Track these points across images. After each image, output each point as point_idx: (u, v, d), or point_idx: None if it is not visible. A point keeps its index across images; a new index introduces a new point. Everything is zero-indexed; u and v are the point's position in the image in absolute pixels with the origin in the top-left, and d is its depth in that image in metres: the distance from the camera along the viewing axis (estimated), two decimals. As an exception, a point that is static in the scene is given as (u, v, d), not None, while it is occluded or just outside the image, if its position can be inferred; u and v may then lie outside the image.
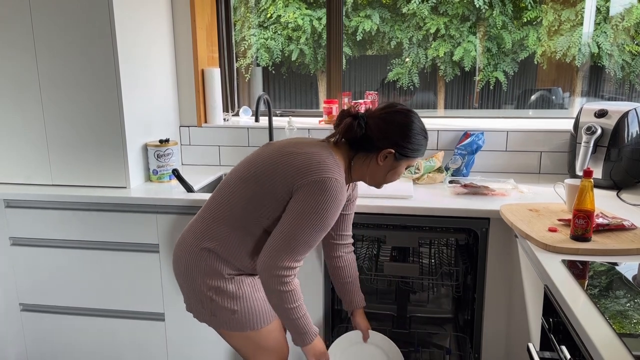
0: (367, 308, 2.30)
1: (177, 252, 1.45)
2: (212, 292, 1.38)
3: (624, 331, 0.87)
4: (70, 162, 2.03)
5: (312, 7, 4.94)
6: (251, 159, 1.41)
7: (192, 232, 1.43)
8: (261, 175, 1.33)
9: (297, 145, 1.36)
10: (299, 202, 1.26)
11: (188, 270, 1.41)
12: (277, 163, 1.32)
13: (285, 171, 1.30)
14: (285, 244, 1.27)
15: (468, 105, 5.25)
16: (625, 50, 4.16)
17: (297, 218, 1.26)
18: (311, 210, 1.25)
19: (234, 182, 1.39)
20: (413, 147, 1.37)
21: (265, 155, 1.38)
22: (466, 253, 2.00)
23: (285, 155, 1.33)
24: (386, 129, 1.35)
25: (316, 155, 1.31)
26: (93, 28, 1.87)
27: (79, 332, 2.09)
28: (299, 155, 1.31)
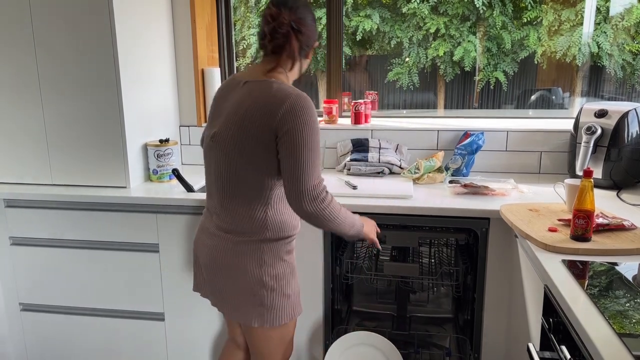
0: (367, 308, 2.29)
1: (220, 259, 1.40)
2: (273, 281, 1.39)
3: (624, 331, 0.87)
4: (70, 162, 2.03)
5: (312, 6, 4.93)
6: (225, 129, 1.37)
7: (230, 228, 1.39)
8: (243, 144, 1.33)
9: (243, 101, 1.35)
10: (287, 134, 1.28)
11: (245, 271, 1.38)
12: (245, 123, 1.32)
13: (259, 122, 1.30)
14: (299, 170, 1.29)
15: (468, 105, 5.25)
16: (625, 50, 4.16)
17: (295, 145, 1.28)
18: (301, 130, 1.28)
19: (229, 160, 1.36)
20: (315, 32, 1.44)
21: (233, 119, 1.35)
22: (466, 253, 2.00)
23: (246, 112, 1.32)
24: (311, 27, 1.41)
25: (268, 89, 1.32)
26: (93, 28, 1.87)
27: (79, 332, 2.09)
28: (257, 102, 1.31)
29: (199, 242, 1.49)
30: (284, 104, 1.28)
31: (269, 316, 1.41)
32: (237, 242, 1.39)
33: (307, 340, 1.93)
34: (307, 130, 1.29)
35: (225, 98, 1.42)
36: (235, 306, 1.43)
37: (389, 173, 2.18)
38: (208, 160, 1.44)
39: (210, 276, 1.45)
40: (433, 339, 2.22)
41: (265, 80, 1.35)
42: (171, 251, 1.92)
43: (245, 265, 1.38)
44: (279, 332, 1.47)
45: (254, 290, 1.39)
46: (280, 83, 1.34)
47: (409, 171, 2.11)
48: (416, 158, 2.26)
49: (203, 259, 1.46)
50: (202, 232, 1.49)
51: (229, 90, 1.43)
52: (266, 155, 1.32)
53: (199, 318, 1.98)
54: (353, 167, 2.18)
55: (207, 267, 1.45)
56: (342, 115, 2.60)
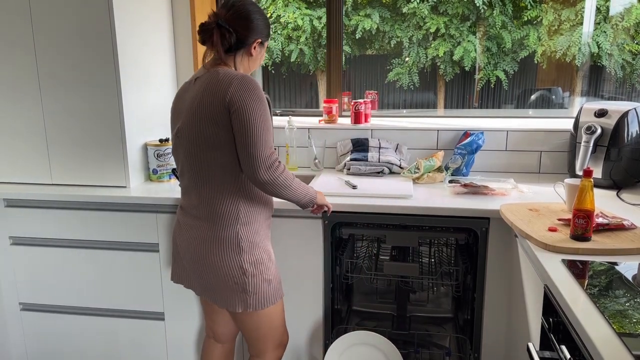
0: (367, 308, 2.29)
1: (200, 249, 1.47)
2: (252, 267, 1.46)
3: (624, 331, 0.87)
4: (70, 161, 2.03)
5: (312, 6, 4.93)
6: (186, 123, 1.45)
7: (207, 218, 1.46)
8: (205, 132, 1.40)
9: (196, 94, 1.43)
10: (238, 110, 1.36)
11: (225, 259, 1.45)
12: (201, 112, 1.40)
13: (213, 106, 1.38)
14: (252, 141, 1.37)
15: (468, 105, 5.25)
16: (625, 49, 4.16)
17: (245, 120, 1.37)
18: (249, 105, 1.37)
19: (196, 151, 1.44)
20: (266, 28, 1.54)
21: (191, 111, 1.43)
22: (466, 253, 2.00)
23: (200, 102, 1.40)
24: (247, 24, 1.47)
25: (215, 75, 1.41)
26: (93, 28, 1.87)
27: (79, 331, 2.09)
28: (207, 89, 1.40)
29: (178, 236, 1.56)
30: (232, 85, 1.37)
31: (251, 301, 1.47)
32: (214, 231, 1.45)
33: (307, 340, 1.93)
34: (255, 104, 1.37)
35: (182, 98, 1.51)
36: (219, 293, 1.49)
37: (388, 173, 2.18)
38: (177, 158, 1.54)
39: (193, 267, 1.50)
40: (433, 338, 2.22)
41: (212, 70, 1.44)
42: (171, 251, 1.92)
43: (225, 253, 1.45)
44: (266, 316, 1.53)
45: (236, 277, 1.45)
46: (226, 69, 1.43)
47: (408, 171, 2.11)
48: (416, 158, 2.26)
49: (184, 251, 1.53)
50: (179, 226, 1.56)
51: (183, 92, 1.52)
52: (227, 137, 1.40)
53: (199, 318, 1.98)
54: (353, 167, 2.18)
55: (189, 259, 1.51)
56: (342, 115, 2.60)
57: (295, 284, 1.87)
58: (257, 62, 1.57)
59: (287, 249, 1.84)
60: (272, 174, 1.40)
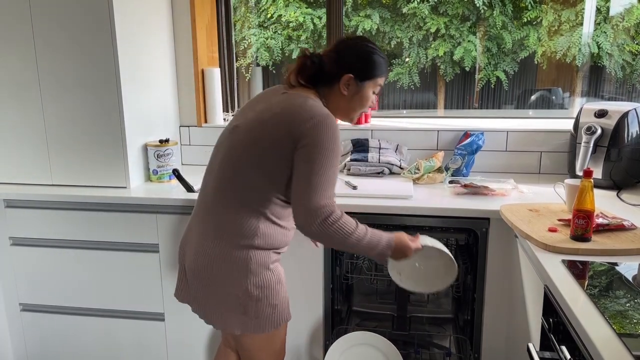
0: (367, 308, 2.28)
1: (205, 262, 1.36)
2: (258, 291, 1.35)
3: (624, 331, 0.87)
4: (70, 162, 2.03)
5: (312, 6, 4.93)
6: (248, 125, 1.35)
7: (217, 233, 1.35)
8: (260, 144, 1.30)
9: (270, 109, 1.33)
10: (308, 146, 1.26)
11: (230, 278, 1.34)
12: (269, 125, 1.30)
13: (284, 128, 1.28)
14: (310, 186, 1.25)
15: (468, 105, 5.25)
16: (625, 50, 4.16)
17: (313, 159, 1.26)
18: (321, 147, 1.26)
19: (239, 157, 1.33)
20: (370, 66, 1.39)
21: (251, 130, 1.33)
22: (466, 253, 2.00)
23: (274, 116, 1.31)
24: (339, 57, 1.38)
25: (303, 102, 1.31)
26: (93, 28, 1.87)
27: (79, 332, 2.09)
28: (288, 110, 1.30)
29: (186, 244, 1.45)
30: (312, 119, 1.26)
31: (252, 325, 1.37)
32: (224, 248, 1.34)
33: (307, 340, 1.93)
34: (329, 148, 1.26)
35: (261, 100, 1.42)
36: (216, 313, 1.39)
37: (389, 173, 2.18)
38: (216, 152, 1.41)
39: (193, 280, 1.40)
40: (433, 339, 2.22)
41: (302, 94, 1.35)
42: (171, 251, 1.92)
43: (231, 272, 1.34)
44: (266, 339, 1.44)
45: (239, 299, 1.35)
46: (315, 100, 1.34)
47: (409, 171, 2.11)
48: (416, 158, 2.25)
49: (189, 262, 1.41)
50: (189, 233, 1.45)
51: (267, 95, 1.43)
52: (279, 165, 1.29)
53: (199, 318, 1.97)
54: (353, 167, 2.18)
55: (191, 271, 1.40)
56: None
57: (295, 284, 1.87)
58: (354, 102, 1.41)
59: (287, 248, 1.84)
60: (324, 225, 1.26)
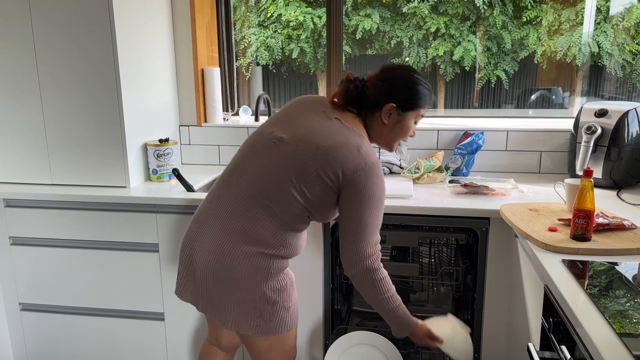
0: (367, 308, 2.28)
1: (226, 264, 1.31)
2: (275, 295, 1.35)
3: (624, 331, 0.87)
4: (70, 162, 2.03)
5: (312, 5, 4.93)
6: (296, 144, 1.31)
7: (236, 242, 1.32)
8: (309, 169, 1.29)
9: (324, 135, 1.30)
10: (355, 195, 1.28)
11: (248, 280, 1.32)
12: (321, 153, 1.28)
13: (337, 166, 1.28)
14: (358, 236, 1.30)
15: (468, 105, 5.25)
16: (625, 49, 4.15)
17: (359, 210, 1.29)
18: (368, 197, 1.29)
19: (282, 174, 1.30)
20: (413, 97, 1.38)
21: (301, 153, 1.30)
22: (466, 253, 2.00)
23: (329, 149, 1.28)
24: (383, 85, 1.37)
25: (359, 145, 1.30)
26: (93, 28, 1.87)
27: (78, 332, 2.09)
28: (343, 148, 1.28)
29: (197, 240, 1.37)
30: (366, 167, 1.27)
31: (265, 326, 1.36)
32: (248, 252, 1.31)
33: (307, 340, 1.93)
34: (378, 197, 1.30)
35: (306, 114, 1.37)
36: (231, 314, 1.35)
37: (388, 173, 2.17)
38: (252, 155, 1.36)
39: (207, 280, 1.34)
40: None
41: (355, 131, 1.33)
42: (171, 251, 1.92)
43: (251, 276, 1.31)
44: (277, 341, 1.43)
45: (256, 302, 1.33)
46: (367, 144, 1.33)
47: (408, 171, 2.11)
48: (416, 158, 2.25)
49: (202, 260, 1.34)
50: (204, 228, 1.37)
51: (312, 110, 1.38)
52: (322, 195, 1.31)
53: (199, 318, 1.98)
54: (353, 167, 2.17)
55: (205, 270, 1.34)
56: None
57: (295, 284, 1.87)
58: (395, 132, 1.39)
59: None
60: (365, 275, 1.31)
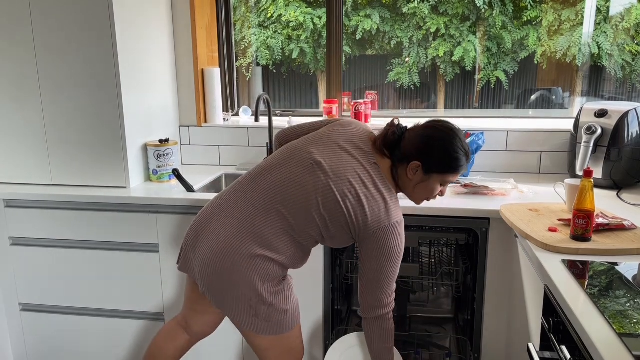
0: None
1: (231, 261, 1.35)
2: (272, 297, 1.39)
3: (624, 331, 0.87)
4: (70, 162, 2.03)
5: (312, 6, 4.93)
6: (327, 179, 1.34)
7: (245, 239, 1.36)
8: (336, 207, 1.34)
9: (363, 181, 1.35)
10: (376, 250, 1.35)
11: (246, 278, 1.35)
12: (347, 204, 1.33)
13: (362, 219, 1.33)
14: (375, 288, 1.39)
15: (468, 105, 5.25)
16: (625, 50, 4.15)
17: (379, 263, 1.36)
18: (389, 253, 1.35)
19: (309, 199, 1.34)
20: (439, 162, 1.36)
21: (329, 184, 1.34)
22: (466, 253, 2.00)
23: (358, 202, 1.33)
24: (419, 140, 1.37)
25: (380, 198, 1.34)
26: (93, 28, 1.87)
27: (79, 332, 2.09)
28: (371, 205, 1.33)
29: (204, 230, 1.40)
30: (386, 224, 1.32)
31: (262, 326, 1.40)
32: (253, 255, 1.34)
33: (307, 340, 1.93)
34: (396, 253, 1.36)
35: (348, 145, 1.40)
36: (230, 308, 1.40)
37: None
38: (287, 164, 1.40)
39: (208, 272, 1.37)
40: (433, 339, 2.22)
41: (387, 185, 1.37)
42: (171, 251, 1.92)
43: (250, 275, 1.35)
44: (277, 339, 1.45)
45: (252, 301, 1.37)
46: (395, 201, 1.37)
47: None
48: (416, 158, 2.25)
49: (208, 253, 1.36)
50: (214, 220, 1.39)
51: (354, 143, 1.41)
52: (341, 233, 1.36)
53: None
54: (353, 167, 2.17)
55: (207, 263, 1.36)
56: (342, 115, 2.60)
57: (295, 284, 1.87)
58: (418, 189, 1.40)
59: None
60: (378, 323, 1.42)
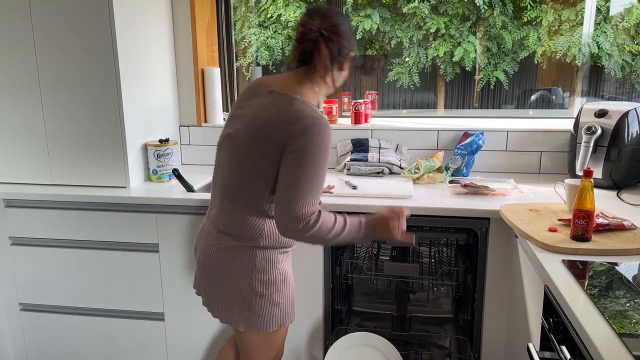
0: (367, 308, 2.28)
1: (214, 260, 1.40)
2: (262, 287, 1.39)
3: (624, 331, 0.87)
4: (70, 162, 2.03)
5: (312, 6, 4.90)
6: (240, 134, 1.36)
7: (220, 236, 1.40)
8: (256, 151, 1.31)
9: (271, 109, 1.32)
10: (296, 151, 1.25)
11: (236, 273, 1.38)
12: (262, 131, 1.30)
13: (273, 136, 1.28)
14: (294, 193, 1.25)
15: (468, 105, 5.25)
16: (625, 50, 4.15)
17: (297, 165, 1.25)
18: (310, 152, 1.25)
19: (237, 166, 1.36)
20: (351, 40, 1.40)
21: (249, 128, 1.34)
22: (466, 253, 2.00)
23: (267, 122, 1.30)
24: (346, 35, 1.36)
25: (292, 106, 1.29)
26: (93, 28, 1.87)
27: (79, 332, 2.09)
28: (278, 115, 1.29)
29: (199, 240, 1.51)
30: (299, 123, 1.25)
31: (255, 322, 1.41)
32: (231, 246, 1.39)
33: (307, 340, 1.93)
34: (316, 153, 1.25)
35: (248, 102, 1.40)
36: (223, 308, 1.43)
37: (389, 173, 2.18)
38: (218, 159, 1.46)
39: (202, 274, 1.45)
40: (433, 339, 2.22)
41: (289, 95, 1.33)
42: (171, 251, 1.92)
43: (236, 268, 1.38)
44: (266, 337, 1.47)
45: (243, 294, 1.39)
46: (303, 102, 1.31)
47: (409, 171, 2.11)
48: (416, 158, 2.25)
49: (199, 256, 1.47)
50: (202, 230, 1.51)
51: (253, 94, 1.41)
52: (273, 170, 1.31)
53: (199, 318, 1.97)
54: (353, 167, 2.18)
55: (200, 265, 1.46)
56: (342, 115, 2.60)
57: (295, 284, 1.87)
58: (342, 77, 1.43)
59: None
60: (298, 232, 1.27)
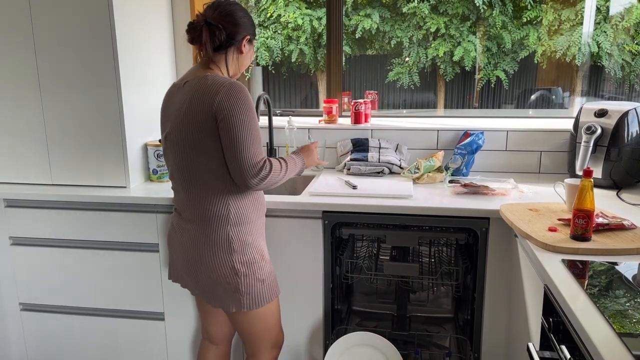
0: (367, 308, 2.29)
1: (197, 252, 1.48)
2: (245, 267, 1.47)
3: (624, 331, 0.87)
4: (70, 162, 2.03)
5: (312, 6, 4.92)
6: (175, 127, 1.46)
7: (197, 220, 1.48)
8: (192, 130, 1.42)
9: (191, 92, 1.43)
10: (225, 119, 1.38)
11: (217, 260, 1.46)
12: (190, 112, 1.41)
13: (200, 112, 1.40)
14: (239, 151, 1.39)
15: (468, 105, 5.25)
16: (625, 49, 4.15)
17: (232, 129, 1.38)
18: (236, 114, 1.38)
19: (184, 155, 1.46)
20: (253, 24, 1.59)
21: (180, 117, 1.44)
22: (466, 253, 2.00)
23: (191, 103, 1.41)
24: (234, 22, 1.49)
25: (207, 80, 1.41)
26: (93, 28, 1.87)
27: (79, 331, 2.09)
28: (198, 93, 1.41)
29: (172, 239, 1.59)
30: (219, 93, 1.38)
31: (245, 301, 1.48)
32: (206, 233, 1.47)
33: (307, 340, 1.93)
34: (243, 113, 1.39)
35: (171, 102, 1.51)
36: (213, 294, 1.50)
37: (389, 173, 2.18)
38: (167, 161, 1.55)
39: (188, 269, 1.52)
40: (433, 339, 2.22)
41: (201, 76, 1.44)
42: (167, 251, 1.92)
43: (216, 254, 1.46)
44: (259, 315, 1.54)
45: (228, 278, 1.46)
46: (215, 75, 1.44)
47: (408, 171, 2.11)
48: (416, 158, 2.26)
49: (177, 254, 1.55)
50: (173, 230, 1.59)
51: (172, 95, 1.53)
52: (214, 144, 1.41)
53: (199, 318, 1.98)
54: (353, 167, 2.18)
55: (182, 261, 1.53)
56: (342, 115, 2.60)
57: (295, 284, 1.87)
58: (247, 60, 1.58)
59: (287, 248, 1.84)
60: (261, 180, 1.42)
